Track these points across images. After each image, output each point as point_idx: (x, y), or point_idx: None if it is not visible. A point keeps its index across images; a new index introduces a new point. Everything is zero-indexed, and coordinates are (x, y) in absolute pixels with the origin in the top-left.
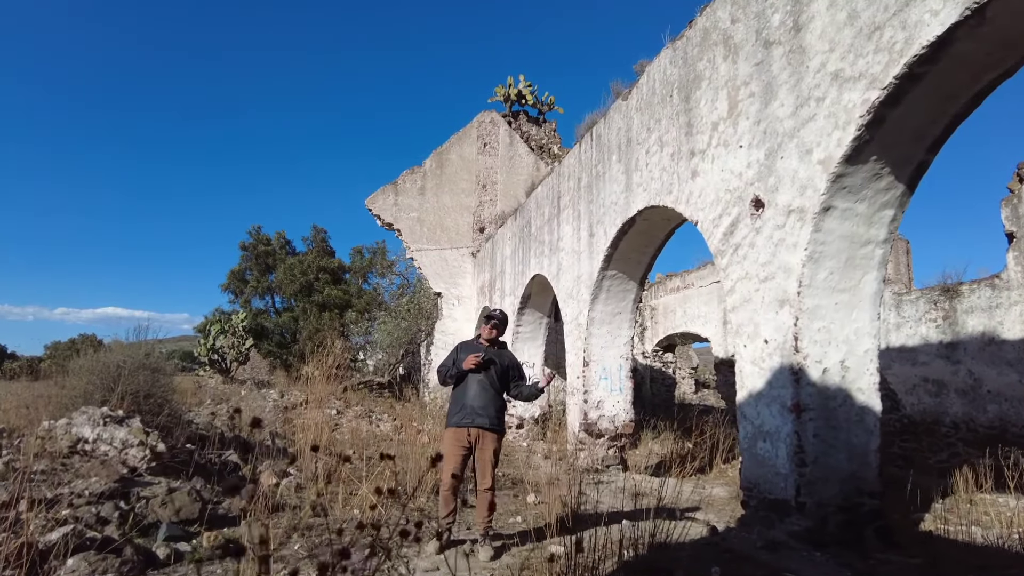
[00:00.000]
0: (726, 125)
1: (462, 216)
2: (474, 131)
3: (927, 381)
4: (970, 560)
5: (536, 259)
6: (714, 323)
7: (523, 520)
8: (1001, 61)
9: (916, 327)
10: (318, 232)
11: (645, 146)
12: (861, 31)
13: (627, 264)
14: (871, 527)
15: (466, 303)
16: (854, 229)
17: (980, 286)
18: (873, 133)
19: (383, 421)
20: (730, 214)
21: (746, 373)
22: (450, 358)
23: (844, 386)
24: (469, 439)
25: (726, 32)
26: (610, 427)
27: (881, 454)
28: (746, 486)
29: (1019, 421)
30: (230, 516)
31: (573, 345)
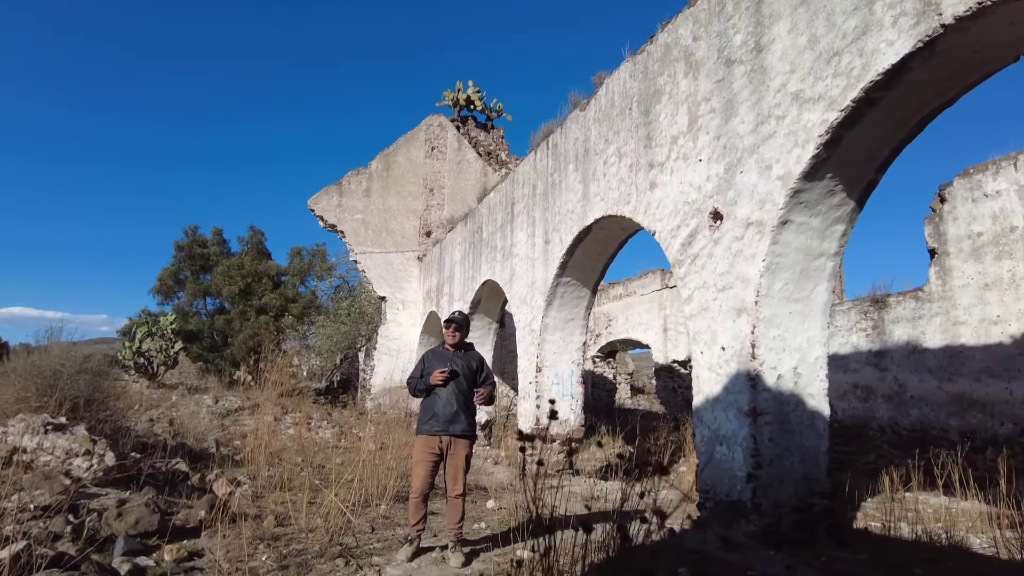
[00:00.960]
0: (686, 139)
1: (408, 219)
2: (422, 134)
3: (857, 387)
4: (913, 554)
5: (488, 264)
6: (655, 330)
7: (487, 526)
8: (947, 90)
9: (848, 336)
10: (255, 233)
11: (603, 157)
12: (821, 55)
13: (581, 271)
14: (822, 526)
15: (411, 308)
16: (808, 242)
17: (905, 298)
18: (830, 152)
19: (323, 428)
20: (688, 225)
21: (703, 379)
22: (418, 368)
23: (797, 391)
24: (440, 446)
25: (688, 49)
26: (561, 432)
27: (828, 455)
28: (703, 488)
29: (938, 424)
30: (189, 527)
31: (526, 351)
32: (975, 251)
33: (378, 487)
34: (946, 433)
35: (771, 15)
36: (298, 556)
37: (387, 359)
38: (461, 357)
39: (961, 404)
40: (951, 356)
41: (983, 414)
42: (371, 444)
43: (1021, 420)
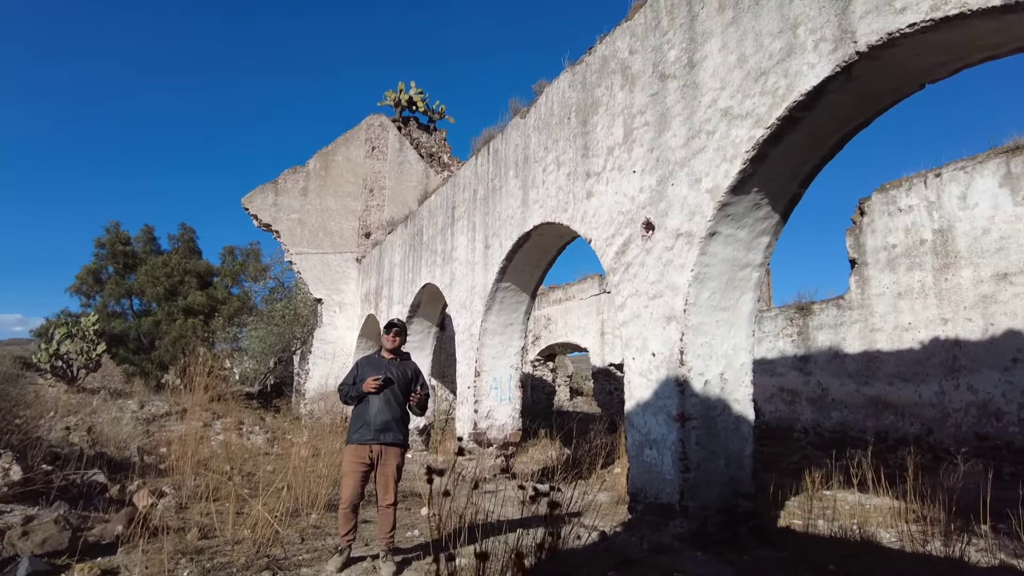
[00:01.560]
0: (621, 150)
1: (347, 220)
2: (362, 134)
3: (783, 391)
4: (829, 551)
5: (428, 268)
6: (593, 334)
7: (420, 533)
8: (863, 112)
9: (775, 341)
10: (186, 231)
11: (542, 164)
12: (749, 74)
13: (521, 277)
14: (746, 526)
15: (349, 310)
16: (735, 253)
17: (828, 306)
18: (756, 167)
19: (255, 433)
20: (623, 234)
21: (635, 384)
22: (351, 376)
23: (723, 397)
24: (371, 456)
25: (624, 62)
26: (499, 436)
27: (753, 458)
28: (633, 491)
29: (856, 425)
30: (105, 544)
31: (465, 355)
32: (890, 262)
33: (309, 495)
34: (863, 434)
35: (704, 33)
36: (223, 570)
37: (323, 363)
38: (397, 366)
39: (876, 406)
40: (868, 361)
41: (895, 415)
42: (303, 451)
43: (928, 421)
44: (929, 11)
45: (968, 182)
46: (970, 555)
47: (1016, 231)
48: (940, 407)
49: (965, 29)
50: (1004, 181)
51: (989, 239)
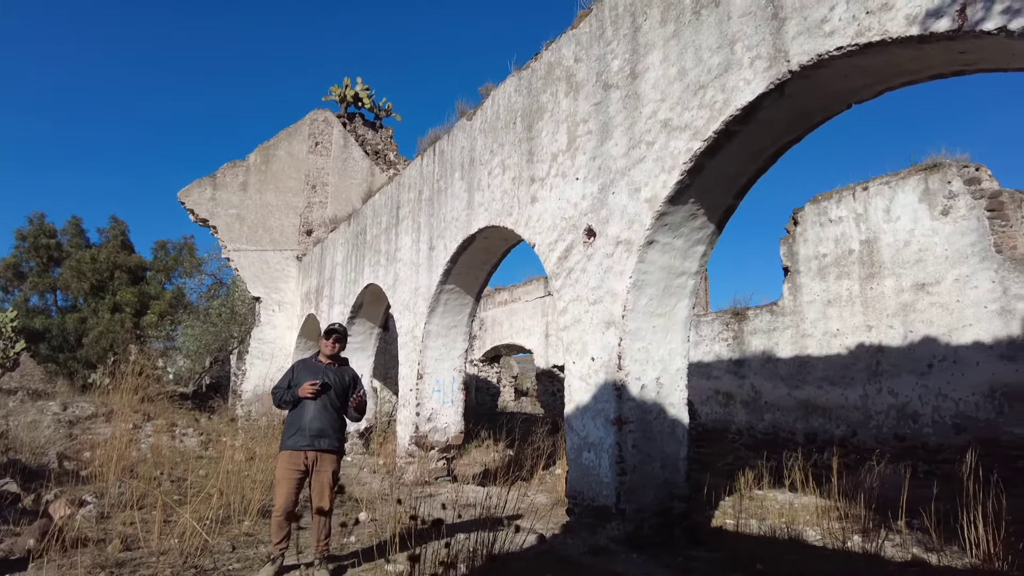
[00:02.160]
0: (565, 157)
1: (288, 217)
2: (306, 128)
3: (719, 393)
4: (758, 550)
5: (371, 268)
6: (538, 336)
7: (357, 539)
8: (796, 128)
9: (711, 345)
10: (117, 224)
11: (488, 167)
12: (689, 87)
13: (465, 279)
14: (680, 527)
15: (288, 309)
16: (672, 261)
17: (762, 311)
18: (693, 179)
19: (188, 436)
20: (565, 240)
21: (574, 388)
22: (286, 379)
23: (659, 401)
24: (306, 462)
25: (569, 70)
26: (441, 439)
27: (687, 461)
28: (571, 494)
29: (787, 427)
30: (14, 559)
31: (407, 357)
32: (821, 270)
33: (242, 502)
34: (793, 436)
35: (646, 44)
36: None
37: (260, 363)
38: (334, 371)
39: (806, 409)
40: (799, 365)
41: (823, 418)
42: (237, 454)
43: (853, 423)
44: (854, 36)
45: (892, 196)
46: (886, 550)
47: (933, 244)
48: (864, 410)
49: (886, 55)
50: (923, 197)
51: (909, 251)
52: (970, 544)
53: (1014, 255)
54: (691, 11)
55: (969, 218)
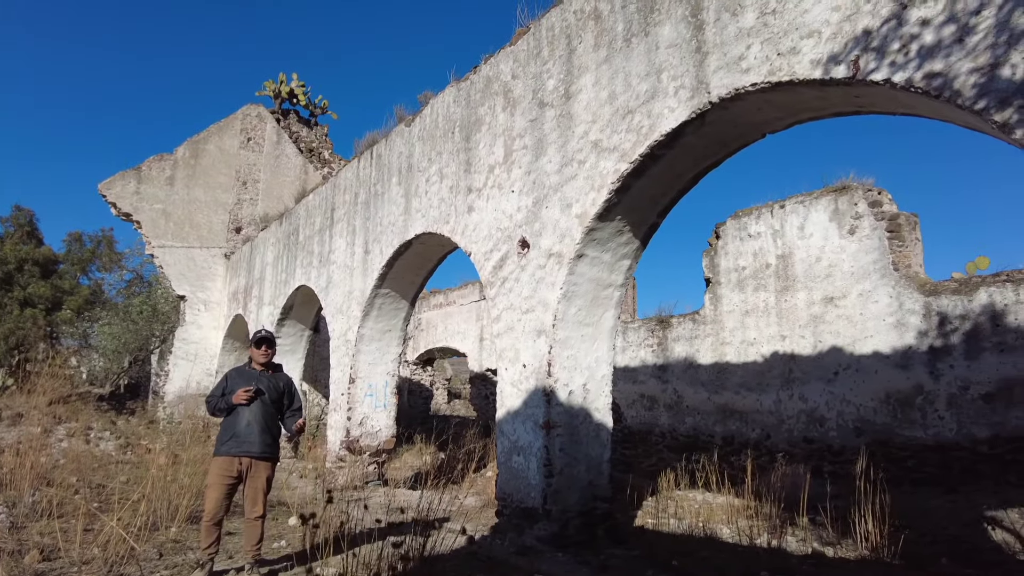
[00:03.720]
0: (501, 170)
1: (217, 213)
2: (238, 123)
3: (644, 397)
4: (675, 548)
5: (303, 269)
6: (472, 339)
7: (287, 544)
8: (715, 153)
9: (637, 351)
10: (22, 214)
11: (426, 174)
12: (618, 111)
13: (401, 283)
14: (602, 527)
15: (215, 309)
16: (600, 274)
17: (685, 319)
18: (620, 197)
19: (105, 440)
20: (500, 250)
21: (506, 394)
22: (219, 387)
23: (586, 406)
24: (239, 468)
25: (507, 85)
26: (372, 443)
27: (610, 463)
28: (501, 496)
29: (707, 430)
30: None
31: (339, 361)
32: (740, 282)
33: (169, 508)
34: (713, 438)
35: (580, 67)
36: None
37: (184, 364)
38: (268, 377)
39: (724, 413)
40: (718, 371)
41: (740, 422)
42: (162, 458)
43: (767, 426)
44: (767, 75)
45: (806, 215)
46: (790, 545)
47: (840, 260)
48: (777, 414)
49: (795, 93)
50: (833, 216)
51: (820, 266)
52: (861, 537)
53: (908, 273)
54: (622, 38)
55: (872, 237)
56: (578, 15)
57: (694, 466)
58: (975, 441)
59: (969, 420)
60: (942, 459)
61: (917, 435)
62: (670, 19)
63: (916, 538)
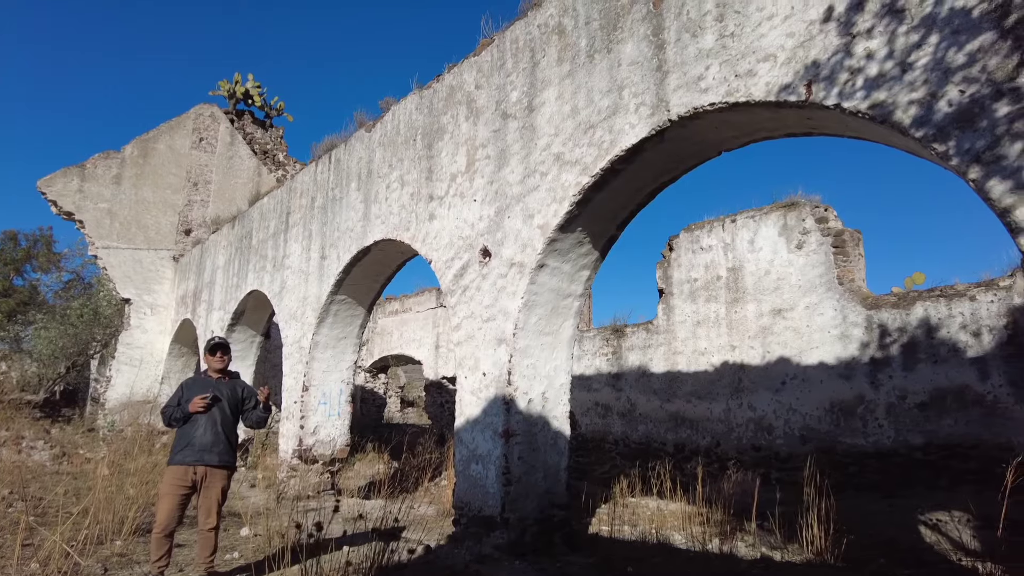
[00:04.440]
0: (464, 179)
1: (166, 214)
2: (190, 123)
3: (598, 405)
4: (629, 554)
5: (256, 274)
6: (428, 347)
7: (240, 555)
8: (673, 169)
9: (592, 360)
10: None
11: (386, 181)
12: (580, 125)
13: (358, 290)
14: (560, 534)
15: (162, 313)
16: (560, 284)
17: (639, 329)
18: (581, 209)
19: (38, 449)
20: (461, 258)
21: (465, 402)
22: (175, 397)
23: (544, 414)
24: (194, 477)
25: (470, 95)
26: (326, 452)
27: (567, 471)
28: (458, 505)
29: (659, 438)
30: None
31: (293, 368)
32: (692, 294)
33: (114, 520)
34: (664, 446)
35: (543, 80)
36: None
37: (128, 369)
38: (226, 385)
39: (676, 421)
40: (671, 380)
41: (691, 429)
42: (105, 468)
43: (716, 434)
44: (725, 95)
45: (756, 229)
46: (740, 550)
47: (788, 274)
48: (727, 422)
49: (749, 114)
50: (782, 231)
51: (769, 279)
52: (806, 542)
53: (852, 287)
54: (585, 54)
55: (818, 252)
56: (542, 29)
57: (648, 473)
58: (911, 448)
59: (906, 428)
60: (881, 465)
61: (859, 442)
62: (632, 37)
63: (857, 541)
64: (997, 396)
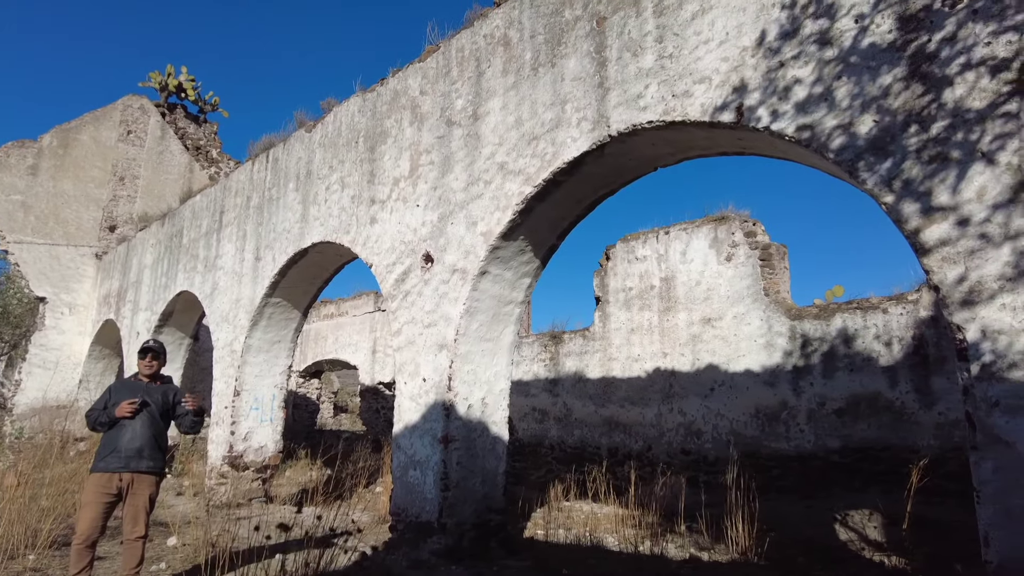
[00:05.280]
0: (407, 183)
1: (88, 209)
2: (117, 114)
3: (535, 410)
4: (564, 557)
5: (186, 274)
6: (364, 351)
7: (167, 566)
8: (612, 182)
9: (531, 365)
10: None
11: (326, 182)
12: (524, 136)
13: (293, 293)
14: (497, 539)
15: (81, 313)
16: (501, 291)
17: (576, 335)
18: (524, 218)
19: None
20: (403, 263)
21: (404, 408)
22: (102, 400)
23: (484, 420)
24: (119, 484)
25: (415, 100)
26: (258, 459)
27: (505, 476)
28: (395, 511)
29: (593, 442)
30: None
31: (224, 372)
32: (627, 302)
33: (26, 533)
34: (599, 450)
35: (488, 90)
36: None
37: (41, 373)
38: (156, 389)
39: (610, 425)
40: (605, 386)
41: (624, 434)
42: (14, 478)
43: (649, 439)
44: (662, 114)
45: (688, 241)
46: (670, 551)
47: (718, 284)
48: (658, 427)
49: (686, 132)
50: (712, 244)
51: (700, 289)
52: (732, 542)
53: (777, 298)
54: (530, 67)
55: (746, 265)
56: (488, 39)
57: (583, 477)
58: (828, 451)
59: (824, 433)
60: (802, 468)
61: (781, 447)
62: (576, 53)
63: (779, 540)
64: (904, 402)
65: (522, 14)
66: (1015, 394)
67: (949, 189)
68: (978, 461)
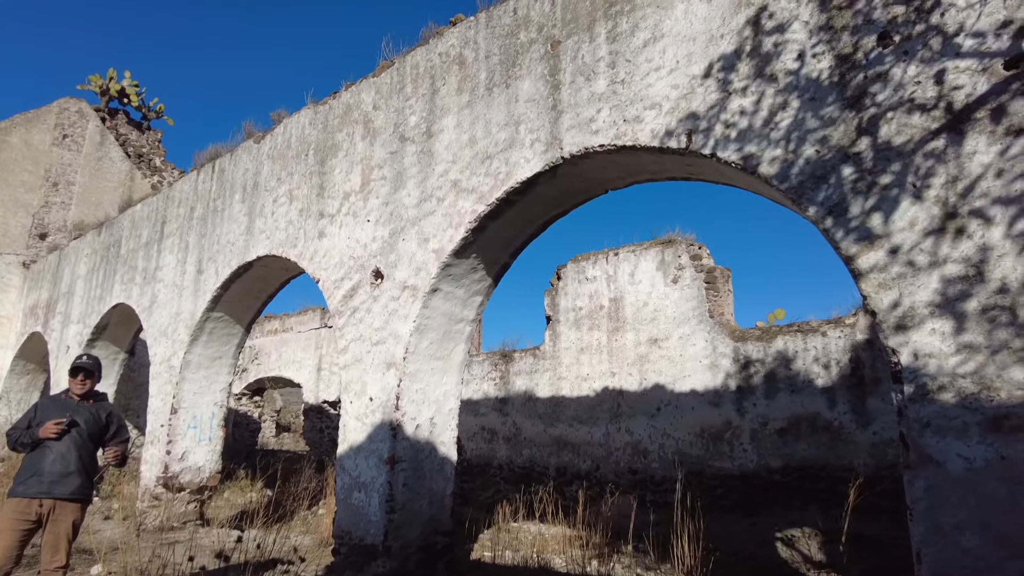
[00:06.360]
0: (357, 198)
1: (16, 215)
2: (52, 117)
3: (484, 430)
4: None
5: (123, 286)
6: (309, 369)
7: None
8: (564, 203)
9: (480, 384)
10: None
11: (274, 195)
12: (477, 155)
13: (236, 307)
14: (443, 561)
15: (5, 325)
16: (452, 309)
17: (526, 354)
18: (477, 236)
19: None
20: (352, 279)
21: (349, 428)
22: (26, 418)
23: (432, 440)
24: (39, 511)
25: (367, 115)
26: (194, 480)
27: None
28: (338, 534)
29: (542, 462)
30: None
31: (161, 389)
32: (577, 322)
33: None
34: (547, 470)
35: (442, 108)
36: None
37: None
38: (88, 408)
39: (559, 445)
40: (555, 405)
41: (573, 453)
42: None
43: (597, 458)
44: (613, 138)
45: (636, 263)
46: (617, 572)
47: (664, 306)
48: (606, 446)
49: (636, 157)
50: (659, 266)
51: (647, 310)
52: (678, 561)
53: (722, 320)
54: (484, 87)
55: (692, 287)
56: (443, 58)
57: (531, 497)
58: (770, 470)
59: (766, 452)
60: (744, 487)
61: (725, 466)
62: (530, 75)
63: (723, 559)
64: (842, 423)
65: (478, 34)
66: (945, 415)
67: (883, 219)
68: (911, 480)
